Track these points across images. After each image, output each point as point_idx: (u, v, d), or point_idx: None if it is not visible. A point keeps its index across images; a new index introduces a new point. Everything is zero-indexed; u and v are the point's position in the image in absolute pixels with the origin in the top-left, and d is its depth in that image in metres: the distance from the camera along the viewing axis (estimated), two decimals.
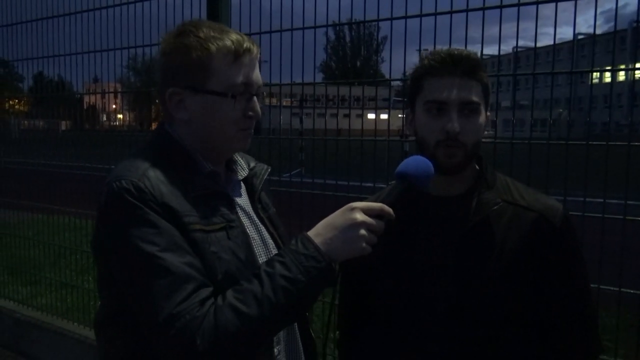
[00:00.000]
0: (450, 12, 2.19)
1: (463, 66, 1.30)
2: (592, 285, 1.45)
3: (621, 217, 2.04)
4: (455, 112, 1.29)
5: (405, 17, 2.31)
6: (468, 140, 1.30)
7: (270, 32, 2.65)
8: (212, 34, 1.22)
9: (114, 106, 5.96)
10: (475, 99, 1.30)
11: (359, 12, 2.50)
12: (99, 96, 4.95)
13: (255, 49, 1.27)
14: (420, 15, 2.27)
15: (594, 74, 2.23)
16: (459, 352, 1.29)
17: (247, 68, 1.25)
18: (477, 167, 1.41)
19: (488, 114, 1.39)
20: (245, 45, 1.23)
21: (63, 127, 5.34)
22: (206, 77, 1.21)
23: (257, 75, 1.28)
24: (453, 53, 1.32)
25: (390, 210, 1.16)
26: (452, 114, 1.29)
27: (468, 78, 1.30)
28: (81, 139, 4.47)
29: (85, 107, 5.09)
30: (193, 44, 1.21)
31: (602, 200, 2.04)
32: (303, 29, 2.59)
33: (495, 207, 1.32)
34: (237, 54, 1.22)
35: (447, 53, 1.32)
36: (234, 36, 1.24)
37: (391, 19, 2.36)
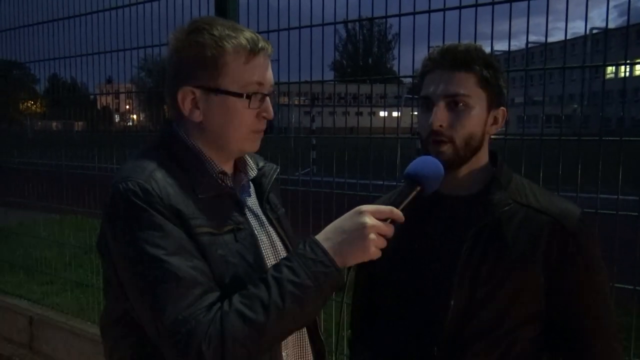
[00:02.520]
0: (459, 8, 2.16)
1: (449, 59, 1.28)
2: None
3: (636, 213, 2.01)
4: (440, 105, 1.27)
5: (414, 13, 2.29)
6: (455, 134, 1.27)
7: (278, 30, 2.63)
8: (226, 32, 1.20)
9: (127, 107, 5.99)
10: (462, 91, 1.27)
11: (368, 9, 2.49)
12: (112, 97, 4.99)
13: (269, 49, 1.24)
14: (429, 11, 2.24)
15: (610, 68, 2.19)
16: (468, 353, 1.27)
17: (262, 68, 1.23)
18: (493, 167, 1.38)
19: (502, 108, 1.35)
20: (260, 45, 1.21)
21: (77, 128, 5.39)
22: (220, 76, 1.19)
23: (270, 75, 1.26)
24: (442, 48, 1.30)
25: (400, 213, 1.14)
26: (434, 108, 1.27)
27: (457, 70, 1.27)
28: (95, 140, 4.51)
29: (99, 108, 5.13)
30: (207, 41, 1.18)
31: (615, 196, 2.01)
32: (311, 26, 2.57)
33: (506, 208, 1.28)
34: (253, 53, 1.20)
35: (438, 49, 1.31)
36: (249, 35, 1.21)
37: (399, 15, 2.34)
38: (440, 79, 1.29)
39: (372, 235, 1.09)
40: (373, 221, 1.10)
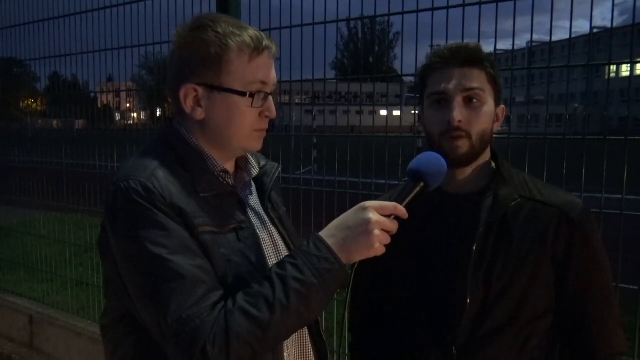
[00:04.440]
0: (463, 6, 2.15)
1: (461, 56, 1.29)
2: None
3: None
4: (457, 101, 1.28)
5: (417, 12, 2.28)
6: (472, 129, 1.29)
7: (280, 28, 2.62)
8: (231, 29, 1.18)
9: (127, 105, 5.99)
10: (477, 85, 1.29)
11: (370, 7, 2.48)
12: (113, 95, 4.98)
13: (274, 48, 1.23)
14: (432, 9, 2.23)
15: (612, 67, 2.18)
16: (476, 351, 1.27)
17: (266, 67, 1.22)
18: (493, 164, 1.39)
19: (502, 106, 1.37)
20: (264, 43, 1.20)
21: (77, 126, 5.38)
22: (224, 74, 1.18)
23: (273, 75, 1.25)
24: (451, 46, 1.32)
25: (403, 209, 1.13)
26: (453, 104, 1.28)
27: (469, 67, 1.29)
28: (95, 138, 4.50)
29: (99, 106, 5.12)
30: (211, 39, 1.17)
31: (620, 196, 2.00)
32: (313, 24, 2.56)
33: (513, 204, 1.29)
34: (257, 52, 1.19)
35: (446, 47, 1.33)
36: (253, 33, 1.20)
37: (402, 13, 2.33)
38: (454, 75, 1.29)
39: (377, 231, 1.08)
40: (377, 217, 1.09)
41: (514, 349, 1.27)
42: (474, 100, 1.29)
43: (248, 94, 1.19)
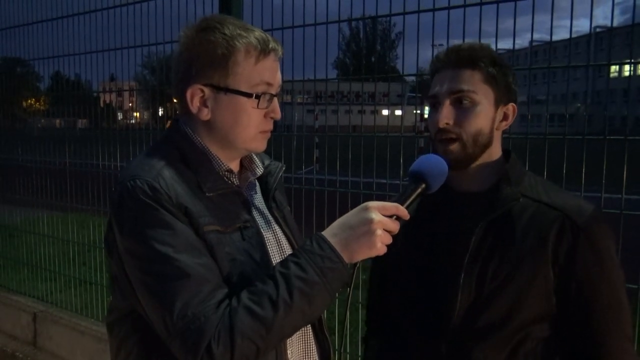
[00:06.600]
0: (464, 6, 2.16)
1: (454, 57, 1.29)
2: None
3: None
4: (445, 103, 1.29)
5: (418, 12, 2.28)
6: (463, 131, 1.28)
7: (282, 28, 2.63)
8: (237, 31, 1.20)
9: (130, 104, 6.00)
10: (466, 87, 1.27)
11: (372, 7, 2.49)
12: (115, 94, 5.00)
13: (280, 50, 1.25)
14: (434, 10, 2.24)
15: (613, 67, 2.18)
16: (465, 349, 1.27)
17: (271, 68, 1.23)
18: (505, 164, 1.37)
19: (511, 104, 1.34)
20: (270, 45, 1.22)
21: (80, 126, 5.39)
22: (230, 76, 1.19)
23: (279, 76, 1.26)
24: (448, 47, 1.32)
25: (405, 210, 1.15)
26: (441, 106, 1.29)
27: (462, 68, 1.28)
28: (98, 137, 4.51)
29: (101, 105, 5.13)
30: (219, 40, 1.18)
31: (620, 196, 2.01)
32: (315, 25, 2.57)
33: (514, 203, 1.28)
34: (263, 53, 1.21)
35: (444, 50, 1.33)
36: (260, 34, 1.22)
37: (404, 13, 2.34)
38: (445, 78, 1.30)
39: (379, 231, 1.10)
40: (379, 217, 1.11)
41: (505, 352, 1.25)
42: (464, 102, 1.28)
43: (254, 95, 1.21)
